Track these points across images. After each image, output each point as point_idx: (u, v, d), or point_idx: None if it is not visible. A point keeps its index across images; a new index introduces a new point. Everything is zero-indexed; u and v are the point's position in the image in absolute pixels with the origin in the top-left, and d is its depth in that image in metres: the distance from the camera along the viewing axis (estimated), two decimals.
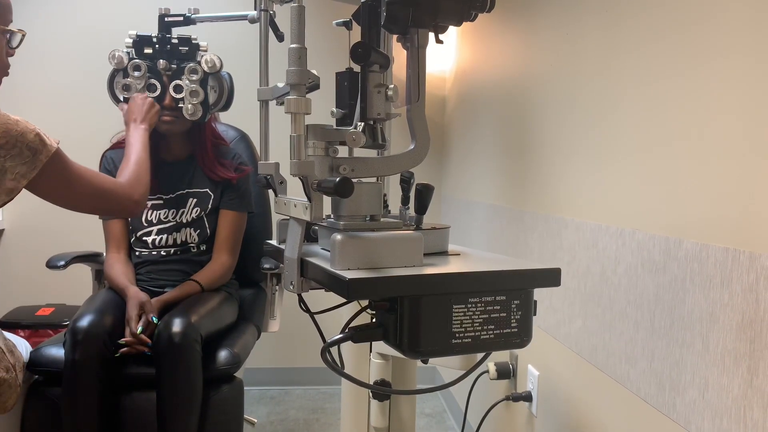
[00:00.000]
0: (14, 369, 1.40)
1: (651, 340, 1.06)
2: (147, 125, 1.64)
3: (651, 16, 1.09)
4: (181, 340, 1.48)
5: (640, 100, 1.12)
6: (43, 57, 2.63)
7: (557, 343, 1.47)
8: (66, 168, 1.33)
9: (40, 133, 1.27)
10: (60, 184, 1.33)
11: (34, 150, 1.25)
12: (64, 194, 1.35)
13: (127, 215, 1.56)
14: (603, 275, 1.24)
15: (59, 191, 1.34)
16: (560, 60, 1.48)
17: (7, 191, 1.25)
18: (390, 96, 0.92)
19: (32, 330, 2.32)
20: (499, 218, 1.94)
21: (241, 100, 1.89)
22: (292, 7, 0.87)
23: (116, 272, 1.73)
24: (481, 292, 0.84)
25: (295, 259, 0.90)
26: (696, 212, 0.95)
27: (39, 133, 1.27)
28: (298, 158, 0.86)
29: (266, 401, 2.72)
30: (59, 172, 1.31)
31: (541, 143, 1.59)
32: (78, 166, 1.36)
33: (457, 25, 0.92)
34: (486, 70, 2.17)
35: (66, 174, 1.33)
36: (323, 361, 0.89)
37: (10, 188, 1.25)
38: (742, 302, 0.84)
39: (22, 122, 1.25)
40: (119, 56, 1.68)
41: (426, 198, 1.01)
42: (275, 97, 1.06)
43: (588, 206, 1.32)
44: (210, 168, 1.83)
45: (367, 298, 0.87)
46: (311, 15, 1.01)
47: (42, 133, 1.28)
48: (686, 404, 0.96)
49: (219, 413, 1.57)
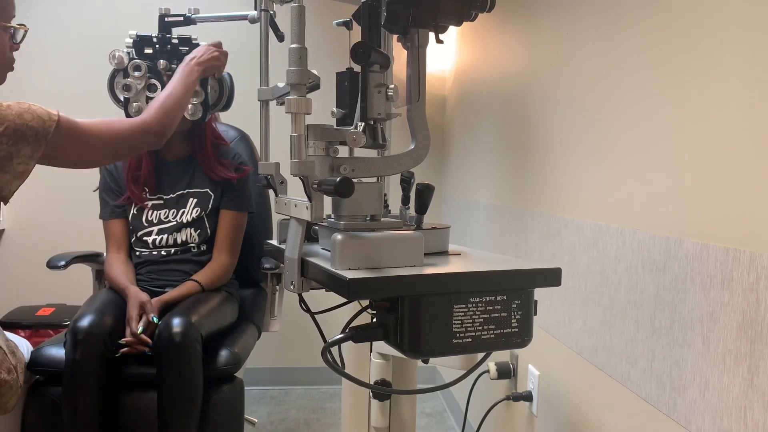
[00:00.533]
0: (15, 370, 1.40)
1: (651, 339, 1.06)
2: (202, 68, 1.59)
3: (651, 15, 1.09)
4: (181, 340, 1.48)
5: (640, 99, 1.12)
6: (44, 57, 2.63)
7: (558, 343, 1.47)
8: (73, 131, 1.29)
9: (37, 110, 1.24)
10: (72, 149, 1.30)
11: (35, 130, 1.22)
12: (78, 157, 1.33)
13: (152, 148, 1.50)
14: (603, 275, 1.24)
15: (73, 156, 1.32)
16: (560, 60, 1.48)
17: (18, 175, 1.23)
18: (390, 96, 0.92)
19: (33, 330, 2.32)
20: (499, 218, 1.94)
21: (242, 100, 1.89)
22: (292, 7, 0.87)
23: (116, 272, 1.73)
24: (482, 291, 0.84)
25: (295, 259, 0.90)
26: (696, 212, 0.95)
27: (35, 110, 1.24)
28: (298, 158, 0.86)
29: (267, 401, 2.73)
30: (68, 140, 1.28)
31: (541, 143, 1.59)
32: (85, 124, 1.32)
33: (457, 24, 0.92)
34: (486, 70, 2.17)
35: (75, 137, 1.30)
36: (324, 361, 0.89)
37: (20, 171, 1.23)
38: (743, 302, 0.84)
39: (14, 105, 1.22)
40: (119, 56, 1.67)
41: (426, 198, 1.01)
42: (275, 97, 1.06)
43: (588, 206, 1.32)
44: (210, 168, 1.83)
45: (368, 297, 0.87)
46: (311, 15, 1.01)
47: (37, 108, 1.25)
48: (687, 404, 0.96)
49: (219, 413, 1.57)
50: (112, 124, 1.38)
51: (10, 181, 1.22)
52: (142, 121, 1.42)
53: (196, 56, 1.59)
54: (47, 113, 1.25)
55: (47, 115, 1.25)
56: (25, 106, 1.23)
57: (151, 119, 1.43)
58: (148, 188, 1.82)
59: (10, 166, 1.21)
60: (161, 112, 1.46)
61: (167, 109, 1.47)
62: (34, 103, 1.26)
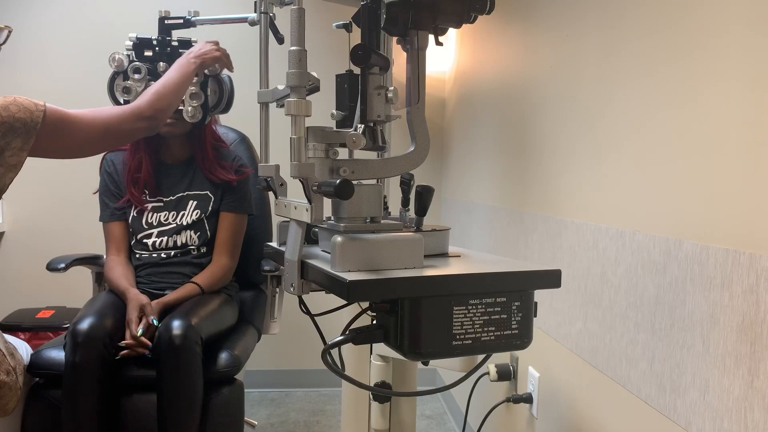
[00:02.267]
0: (15, 372, 1.40)
1: (651, 341, 1.06)
2: (200, 60, 1.59)
3: (650, 16, 1.09)
4: (181, 343, 1.48)
5: (639, 101, 1.12)
6: (44, 59, 2.63)
7: (558, 345, 1.47)
8: (61, 120, 1.29)
9: (23, 101, 1.24)
10: (63, 138, 1.30)
11: (23, 121, 1.22)
12: (70, 146, 1.33)
13: (147, 134, 1.47)
14: (603, 276, 1.24)
15: (65, 145, 1.31)
16: (559, 62, 1.49)
17: (11, 167, 1.24)
18: (390, 98, 0.92)
19: (33, 332, 2.32)
20: (499, 220, 1.94)
21: (242, 103, 1.89)
22: (292, 10, 0.88)
23: (116, 275, 1.73)
24: (482, 293, 0.84)
25: (295, 261, 0.90)
26: (696, 213, 0.95)
27: (21, 102, 1.23)
28: (298, 160, 0.86)
29: (267, 403, 2.72)
30: (58, 128, 1.28)
31: (540, 144, 1.59)
32: (74, 113, 1.32)
33: (456, 27, 0.92)
34: (485, 72, 2.17)
35: (64, 125, 1.29)
36: (324, 363, 0.89)
37: (13, 164, 1.24)
38: (743, 303, 0.84)
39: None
40: (119, 59, 1.68)
41: (426, 200, 1.01)
42: (275, 100, 1.06)
43: (588, 207, 1.32)
44: (210, 170, 1.83)
45: (368, 299, 0.87)
46: (311, 17, 1.01)
47: (23, 100, 1.24)
48: (687, 405, 0.96)
49: (219, 415, 1.57)
50: (103, 111, 1.38)
51: (4, 174, 1.23)
52: (134, 106, 1.43)
53: (191, 51, 1.61)
54: (33, 104, 1.25)
55: (33, 105, 1.25)
56: (10, 99, 1.24)
57: (144, 103, 1.43)
58: (148, 190, 1.82)
59: (2, 159, 1.22)
60: (154, 97, 1.46)
61: (160, 94, 1.47)
62: (20, 96, 1.26)
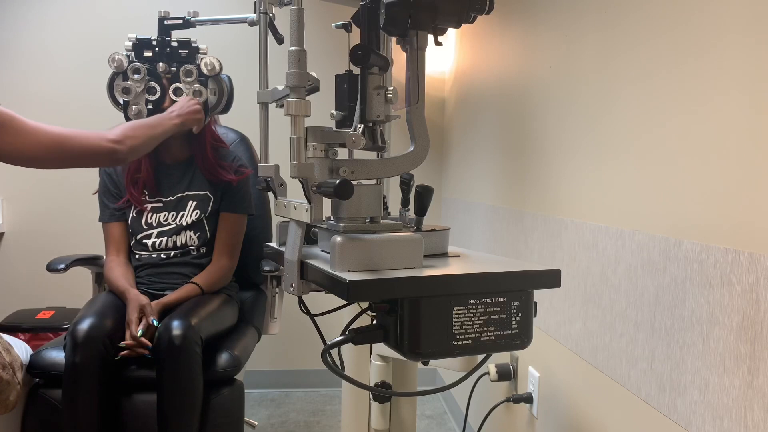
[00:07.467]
0: (12, 368, 1.40)
1: (651, 341, 1.06)
2: (180, 120, 1.61)
3: (649, 15, 1.09)
4: (181, 343, 1.48)
5: (639, 100, 1.12)
6: (43, 60, 2.63)
7: (558, 345, 1.47)
8: (10, 120, 1.28)
9: None
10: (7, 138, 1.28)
11: None
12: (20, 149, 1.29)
13: (111, 161, 1.42)
14: (603, 276, 1.24)
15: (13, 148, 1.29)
16: (559, 61, 1.49)
17: None
18: (389, 98, 0.92)
19: (32, 333, 2.32)
20: (498, 219, 1.94)
21: (241, 103, 1.89)
22: (291, 10, 0.88)
23: (116, 275, 1.73)
24: (482, 293, 0.84)
25: (295, 261, 0.90)
26: (696, 213, 0.95)
27: None
28: (297, 160, 0.86)
29: (267, 404, 2.72)
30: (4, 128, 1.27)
31: (540, 144, 1.59)
32: (30, 121, 1.31)
33: (456, 27, 0.92)
34: (485, 72, 2.17)
35: (11, 127, 1.28)
36: (324, 363, 0.89)
37: None
38: (743, 303, 0.84)
39: None
40: (119, 59, 1.68)
41: (426, 199, 1.01)
42: (275, 100, 1.06)
43: (588, 207, 1.32)
44: (210, 170, 1.83)
45: (367, 300, 0.87)
46: (310, 17, 1.01)
47: None
48: (687, 405, 0.96)
49: (219, 416, 1.57)
50: (69, 129, 1.37)
51: None
52: (107, 130, 1.42)
53: (173, 110, 1.63)
54: None
55: None
56: None
57: (113, 129, 1.44)
58: (148, 191, 1.82)
59: None
60: (126, 127, 1.47)
61: (134, 126, 1.48)
62: None
